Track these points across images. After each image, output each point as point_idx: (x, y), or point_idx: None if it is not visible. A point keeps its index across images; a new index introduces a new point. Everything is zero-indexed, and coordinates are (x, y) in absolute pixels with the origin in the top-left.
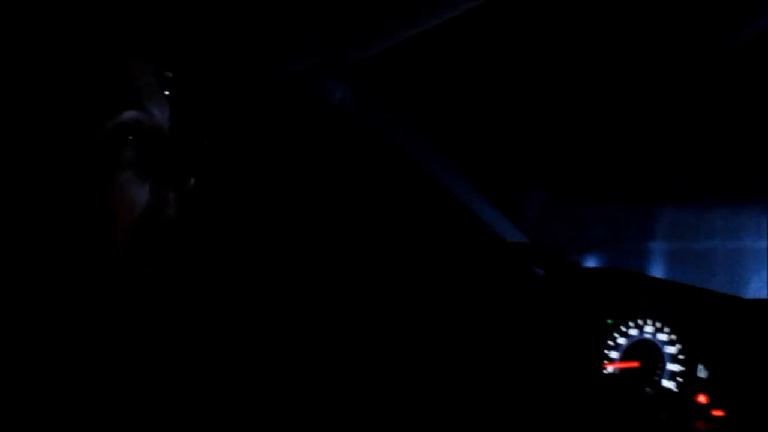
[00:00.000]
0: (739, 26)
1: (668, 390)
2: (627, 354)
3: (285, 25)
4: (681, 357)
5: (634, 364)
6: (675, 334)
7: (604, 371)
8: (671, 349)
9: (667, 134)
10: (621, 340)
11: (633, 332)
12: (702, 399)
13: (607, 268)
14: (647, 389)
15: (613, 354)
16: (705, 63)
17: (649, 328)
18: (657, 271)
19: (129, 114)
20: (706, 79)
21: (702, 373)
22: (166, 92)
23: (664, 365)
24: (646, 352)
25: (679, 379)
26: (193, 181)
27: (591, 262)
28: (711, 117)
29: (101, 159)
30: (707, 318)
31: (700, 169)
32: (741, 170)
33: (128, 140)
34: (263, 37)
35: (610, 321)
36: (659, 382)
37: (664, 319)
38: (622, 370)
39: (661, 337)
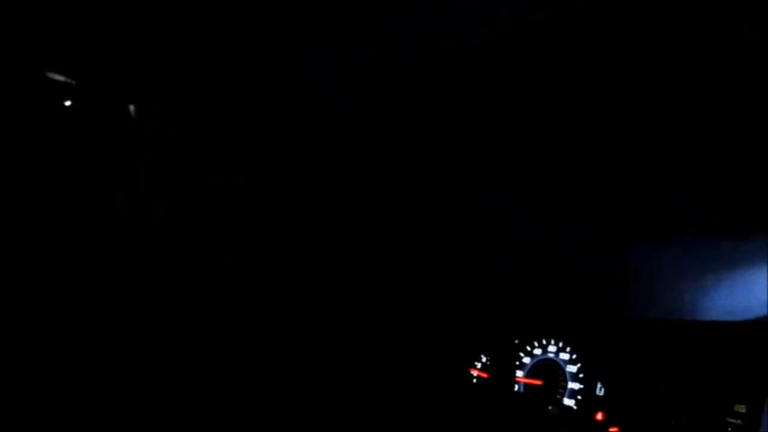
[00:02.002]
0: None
1: (569, 408)
2: (532, 373)
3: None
4: (581, 376)
5: (537, 382)
6: (575, 353)
7: (513, 388)
8: (572, 368)
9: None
10: (526, 359)
11: (537, 351)
12: (599, 416)
13: (514, 289)
14: (550, 407)
15: (519, 373)
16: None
17: (552, 348)
18: None
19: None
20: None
21: (600, 391)
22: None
23: (566, 384)
24: (549, 370)
25: (579, 397)
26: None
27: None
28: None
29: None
30: (605, 338)
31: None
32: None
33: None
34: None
35: (516, 340)
36: (561, 400)
37: (566, 339)
38: (527, 388)
39: (564, 356)
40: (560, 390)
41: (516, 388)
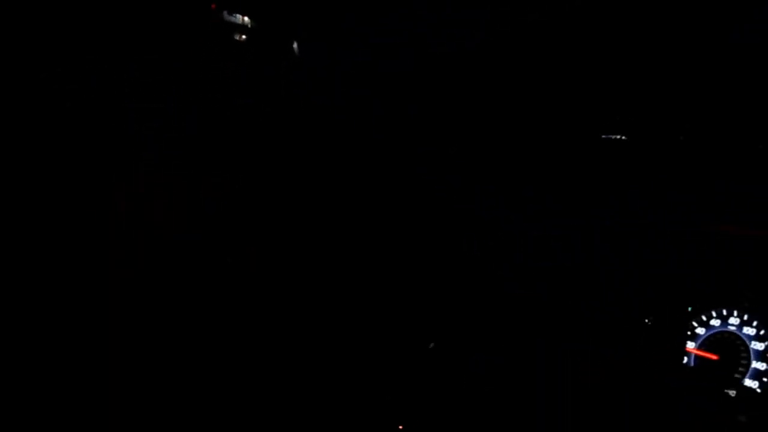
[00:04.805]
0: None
1: (751, 390)
2: (705, 346)
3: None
4: None
5: (712, 357)
6: (766, 328)
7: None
8: (759, 346)
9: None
10: (699, 330)
11: (714, 323)
12: None
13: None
14: (727, 389)
15: (690, 345)
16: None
17: (734, 320)
18: None
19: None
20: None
21: None
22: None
23: (749, 362)
24: (728, 346)
25: (765, 380)
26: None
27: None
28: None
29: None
30: None
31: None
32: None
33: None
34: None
35: (690, 308)
36: (741, 381)
37: (754, 311)
38: (698, 363)
39: (749, 330)
40: (740, 369)
41: (685, 360)
